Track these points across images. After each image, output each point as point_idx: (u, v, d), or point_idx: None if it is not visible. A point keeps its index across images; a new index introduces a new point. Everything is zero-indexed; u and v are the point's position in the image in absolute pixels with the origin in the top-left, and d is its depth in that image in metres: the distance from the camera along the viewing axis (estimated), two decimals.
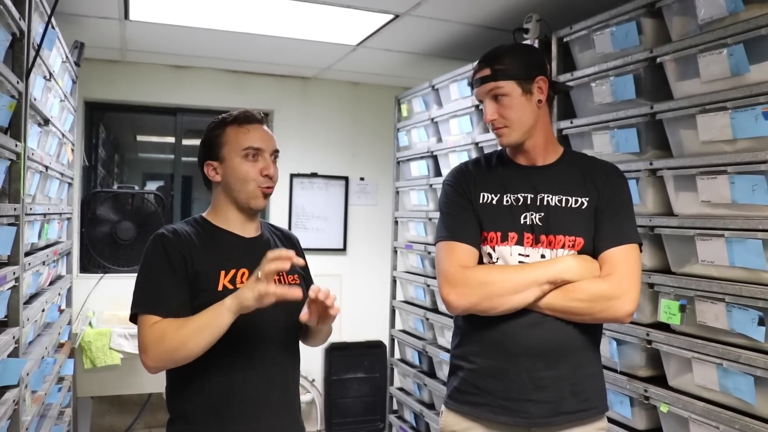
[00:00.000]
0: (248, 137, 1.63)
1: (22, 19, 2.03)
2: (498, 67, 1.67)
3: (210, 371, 1.56)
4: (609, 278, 1.61)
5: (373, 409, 4.68)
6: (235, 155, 1.62)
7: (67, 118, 3.20)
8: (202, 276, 1.56)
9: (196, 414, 1.57)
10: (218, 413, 1.56)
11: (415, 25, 3.28)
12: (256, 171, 1.62)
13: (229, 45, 3.78)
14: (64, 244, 3.28)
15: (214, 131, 1.66)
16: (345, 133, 4.77)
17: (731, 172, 1.88)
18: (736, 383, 1.84)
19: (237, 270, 1.60)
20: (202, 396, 1.56)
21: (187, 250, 1.57)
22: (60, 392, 2.96)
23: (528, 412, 1.63)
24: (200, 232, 1.64)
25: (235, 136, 1.63)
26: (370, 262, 4.75)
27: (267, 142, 1.65)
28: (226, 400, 1.56)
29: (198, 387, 1.57)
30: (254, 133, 1.64)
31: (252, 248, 1.65)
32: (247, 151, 1.61)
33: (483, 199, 1.73)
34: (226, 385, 1.56)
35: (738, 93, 1.85)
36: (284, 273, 1.66)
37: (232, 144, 1.63)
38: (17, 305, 2.05)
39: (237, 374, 1.57)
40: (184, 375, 1.58)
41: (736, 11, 1.88)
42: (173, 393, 1.62)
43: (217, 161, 1.65)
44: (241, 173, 1.62)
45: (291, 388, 1.70)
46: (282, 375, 1.65)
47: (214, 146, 1.65)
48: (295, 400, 1.73)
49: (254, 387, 1.58)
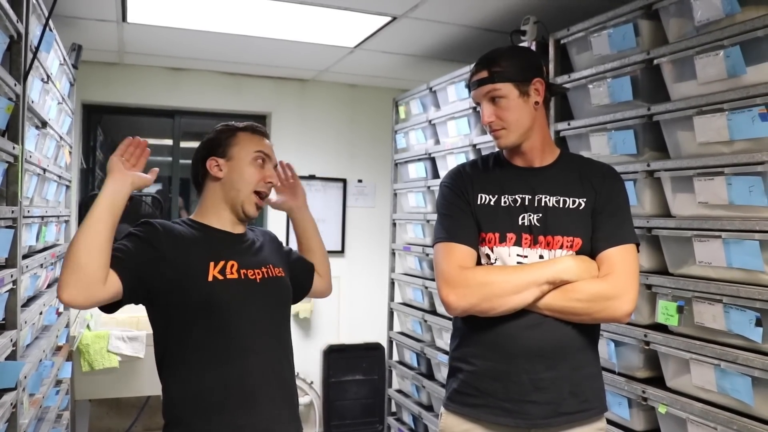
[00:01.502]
0: (261, 143, 1.73)
1: (19, 22, 2.03)
2: (495, 70, 1.68)
3: (204, 369, 1.56)
4: (607, 278, 1.61)
5: (371, 411, 4.68)
6: (246, 155, 1.69)
7: (65, 121, 3.20)
8: (191, 267, 1.57)
9: (193, 414, 1.56)
10: (217, 409, 1.55)
11: (413, 27, 3.29)
12: (260, 176, 1.70)
13: (227, 47, 3.78)
14: (62, 246, 3.27)
15: (225, 133, 1.73)
16: (343, 135, 4.77)
17: (728, 173, 1.88)
18: (734, 384, 1.85)
19: (226, 261, 1.62)
20: (199, 395, 1.56)
21: (172, 240, 1.58)
22: (58, 395, 2.95)
23: (528, 413, 1.63)
24: (189, 227, 1.67)
25: (249, 140, 1.72)
26: (368, 264, 4.75)
27: (273, 155, 1.77)
28: (224, 395, 1.56)
29: (193, 387, 1.56)
30: (266, 143, 1.76)
31: (240, 242, 1.70)
32: (258, 154, 1.70)
33: (480, 200, 1.73)
34: (222, 380, 1.56)
35: (735, 94, 1.85)
36: (270, 265, 1.72)
37: (243, 146, 1.70)
38: (15, 308, 2.04)
39: (232, 368, 1.57)
40: (179, 377, 1.58)
41: (732, 13, 1.89)
42: (169, 394, 1.61)
43: (223, 158, 1.69)
44: (246, 174, 1.68)
45: (288, 381, 1.71)
46: (278, 366, 1.66)
47: (224, 145, 1.70)
48: (294, 394, 1.74)
49: (251, 379, 1.59)
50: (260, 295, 1.65)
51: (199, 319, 1.56)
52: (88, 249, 1.40)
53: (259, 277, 1.66)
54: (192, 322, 1.56)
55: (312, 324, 4.65)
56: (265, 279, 1.67)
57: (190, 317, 1.55)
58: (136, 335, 3.68)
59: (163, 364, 1.62)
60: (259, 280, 1.65)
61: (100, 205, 1.47)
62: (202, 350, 1.55)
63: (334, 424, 4.61)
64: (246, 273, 1.63)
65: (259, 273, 1.66)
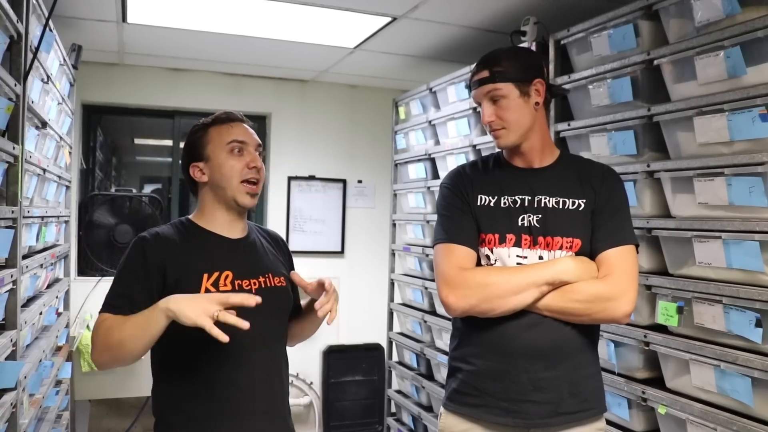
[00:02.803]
0: (231, 132, 1.65)
1: (19, 22, 2.03)
2: (496, 70, 1.69)
3: (193, 375, 1.56)
4: (607, 279, 1.61)
5: (371, 412, 4.67)
6: (220, 151, 1.63)
7: (65, 121, 3.20)
8: (184, 280, 1.55)
9: (180, 418, 1.56)
10: (203, 417, 1.55)
11: (413, 27, 3.29)
12: (242, 165, 1.63)
13: (227, 48, 3.78)
14: (61, 247, 3.28)
15: (197, 134, 1.68)
16: (343, 136, 4.77)
17: (728, 174, 1.88)
18: (734, 385, 1.84)
19: (220, 273, 1.59)
20: (186, 400, 1.56)
21: (167, 254, 1.57)
22: (58, 395, 2.95)
23: (527, 413, 1.63)
24: (184, 234, 1.64)
25: (219, 133, 1.65)
26: (367, 265, 4.75)
27: (250, 137, 1.67)
28: (211, 403, 1.55)
29: (182, 391, 1.56)
30: (237, 128, 1.66)
31: (237, 249, 1.65)
32: (231, 145, 1.63)
33: (480, 201, 1.73)
34: (209, 389, 1.56)
35: (735, 95, 1.85)
36: (270, 274, 1.67)
37: (215, 141, 1.64)
38: (15, 308, 2.05)
39: (220, 378, 1.56)
40: (168, 379, 1.58)
41: (732, 13, 1.89)
42: (158, 397, 1.61)
43: (202, 161, 1.65)
44: (226, 168, 1.62)
45: (278, 392, 1.67)
46: (267, 379, 1.63)
47: (198, 147, 1.66)
48: (283, 404, 1.70)
49: (238, 391, 1.57)
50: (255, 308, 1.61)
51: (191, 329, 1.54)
52: (139, 349, 1.46)
53: (255, 287, 1.61)
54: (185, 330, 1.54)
55: None
56: (261, 289, 1.62)
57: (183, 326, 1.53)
58: None
59: (155, 365, 1.62)
60: (254, 290, 1.59)
61: (165, 321, 1.41)
62: (192, 358, 1.55)
63: (333, 424, 4.60)
64: (241, 284, 1.59)
65: (255, 283, 1.62)
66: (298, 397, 4.56)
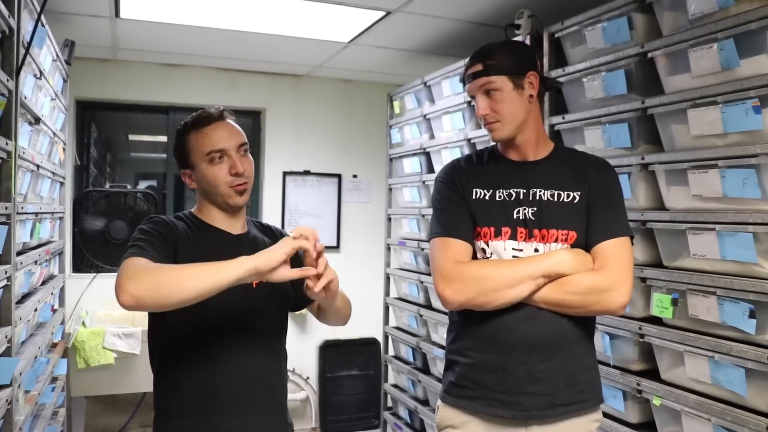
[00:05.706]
0: (207, 141, 1.60)
1: (11, 17, 2.02)
2: (490, 63, 1.69)
3: (192, 367, 1.56)
4: (602, 271, 1.62)
5: (367, 406, 4.69)
6: (201, 161, 1.61)
7: (59, 117, 3.19)
8: None
9: (180, 410, 1.57)
10: (202, 409, 1.56)
11: (407, 21, 3.28)
12: (224, 172, 1.60)
13: (221, 43, 3.77)
14: (56, 243, 3.27)
15: (180, 139, 1.67)
16: (337, 131, 4.77)
17: (722, 166, 1.89)
18: (728, 376, 1.86)
19: None
20: (186, 392, 1.57)
21: (178, 236, 1.58)
22: (53, 392, 2.95)
23: (524, 405, 1.64)
24: (190, 225, 1.65)
25: (197, 142, 1.61)
26: (363, 260, 4.75)
27: (229, 140, 1.61)
28: (209, 396, 1.56)
29: (182, 384, 1.57)
30: (213, 134, 1.60)
31: (239, 245, 1.65)
32: (210, 156, 1.59)
33: (475, 194, 1.74)
34: (209, 381, 1.56)
35: (728, 87, 1.86)
36: None
37: (195, 150, 1.62)
38: (9, 304, 2.04)
39: (219, 370, 1.57)
40: (168, 371, 1.59)
41: (726, 6, 1.89)
42: (159, 389, 1.62)
43: (189, 169, 1.65)
44: (209, 178, 1.61)
45: (276, 385, 1.68)
46: (265, 372, 1.64)
47: (183, 154, 1.65)
48: (281, 397, 1.71)
49: (237, 383, 1.58)
50: (254, 302, 1.61)
51: (190, 321, 1.55)
52: (196, 290, 1.33)
53: (256, 282, 1.58)
54: (185, 322, 1.55)
55: (308, 319, 4.65)
56: (261, 284, 1.58)
57: (182, 317, 1.52)
58: (132, 332, 3.67)
59: (154, 358, 1.63)
60: (255, 284, 1.58)
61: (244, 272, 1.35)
62: (191, 351, 1.55)
63: (330, 419, 4.61)
64: None
65: None
66: (295, 392, 4.56)
